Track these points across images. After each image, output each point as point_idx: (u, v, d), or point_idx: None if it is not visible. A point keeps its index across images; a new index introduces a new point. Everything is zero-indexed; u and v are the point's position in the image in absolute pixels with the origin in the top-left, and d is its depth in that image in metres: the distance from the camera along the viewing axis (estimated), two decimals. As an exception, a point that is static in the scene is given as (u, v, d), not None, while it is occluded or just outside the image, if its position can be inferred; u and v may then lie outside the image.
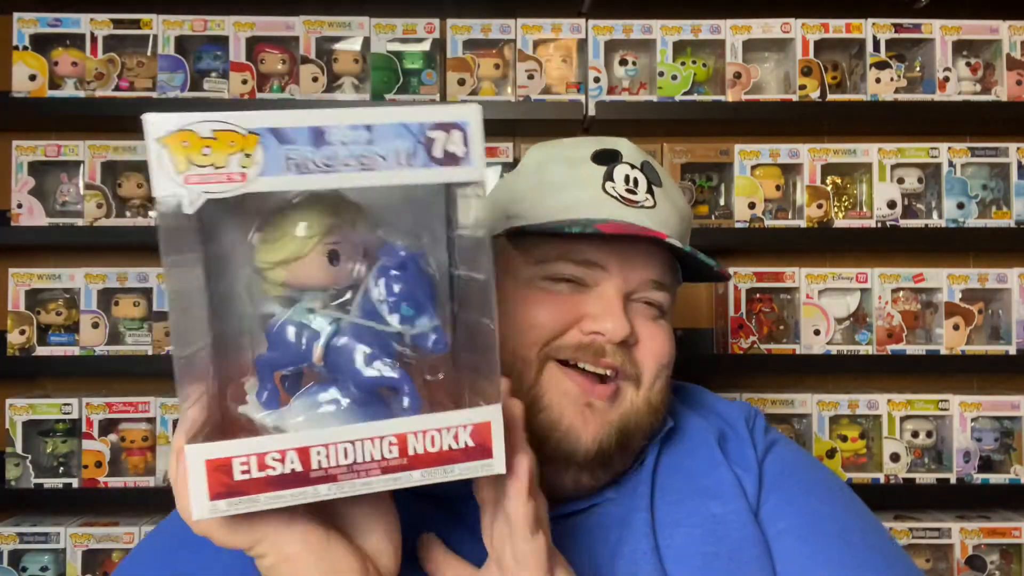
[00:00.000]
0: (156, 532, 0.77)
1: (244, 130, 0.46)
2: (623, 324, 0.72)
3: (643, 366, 0.75)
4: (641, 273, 0.75)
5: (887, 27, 1.67)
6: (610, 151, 0.79)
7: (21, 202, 1.63)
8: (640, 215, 0.75)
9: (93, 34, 1.64)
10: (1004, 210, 1.68)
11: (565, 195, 0.76)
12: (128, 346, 1.63)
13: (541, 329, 0.73)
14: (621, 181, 0.76)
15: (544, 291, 0.74)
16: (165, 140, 0.46)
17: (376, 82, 1.65)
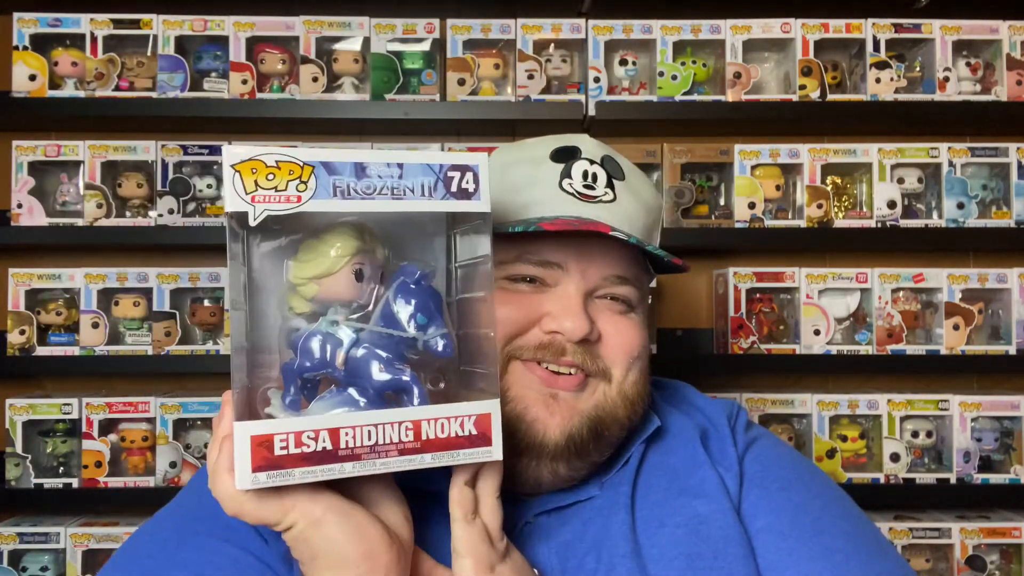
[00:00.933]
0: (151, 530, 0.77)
1: (301, 162, 0.58)
2: (581, 323, 0.72)
3: (610, 361, 0.75)
4: (600, 269, 0.75)
5: (887, 27, 1.67)
6: (569, 148, 0.79)
7: (21, 202, 1.63)
8: (598, 210, 0.75)
9: (93, 34, 1.64)
10: (1004, 210, 1.68)
11: (524, 195, 0.77)
12: (128, 346, 1.63)
13: (503, 328, 0.73)
14: (579, 177, 0.77)
15: (505, 291, 0.75)
16: (238, 166, 0.56)
17: (376, 82, 1.66)
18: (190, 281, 1.63)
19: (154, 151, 1.65)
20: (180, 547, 0.72)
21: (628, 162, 0.82)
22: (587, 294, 0.75)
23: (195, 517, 0.74)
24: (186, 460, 1.60)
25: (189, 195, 1.66)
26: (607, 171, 0.78)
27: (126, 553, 0.75)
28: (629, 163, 0.82)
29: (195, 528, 0.73)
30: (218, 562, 0.70)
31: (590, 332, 0.73)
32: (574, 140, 0.80)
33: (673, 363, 1.68)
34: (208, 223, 1.64)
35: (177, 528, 0.74)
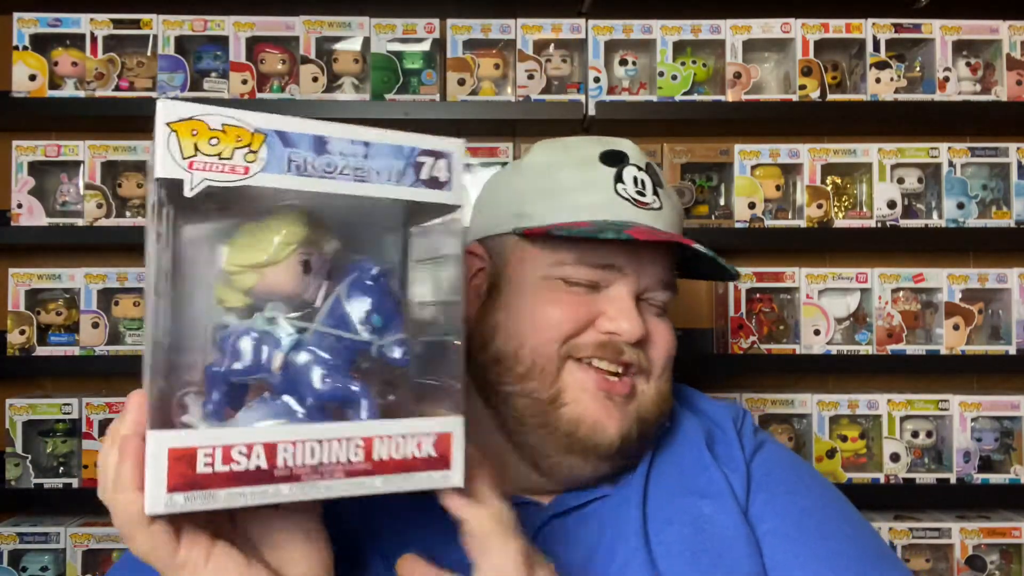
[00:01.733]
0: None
1: (252, 128, 0.49)
2: (639, 325, 0.74)
3: (654, 361, 0.78)
4: (652, 274, 0.77)
5: (887, 27, 1.67)
6: (617, 152, 0.80)
7: (21, 202, 1.63)
8: (652, 217, 0.78)
9: (93, 34, 1.64)
10: (1004, 210, 1.68)
11: (579, 197, 0.78)
12: (128, 346, 1.63)
13: (560, 328, 0.75)
14: (631, 183, 0.79)
15: (561, 291, 0.76)
16: (175, 125, 0.47)
17: (376, 82, 1.66)
18: (190, 281, 1.63)
19: (154, 151, 1.65)
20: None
21: (657, 167, 0.85)
22: (637, 296, 0.77)
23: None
24: (186, 460, 1.60)
25: (189, 195, 1.66)
26: (651, 178, 0.80)
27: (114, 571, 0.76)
28: (658, 168, 0.85)
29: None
30: None
31: (644, 334, 0.75)
32: (619, 144, 0.82)
33: (674, 363, 1.68)
34: (208, 223, 1.64)
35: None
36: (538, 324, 0.75)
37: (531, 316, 0.76)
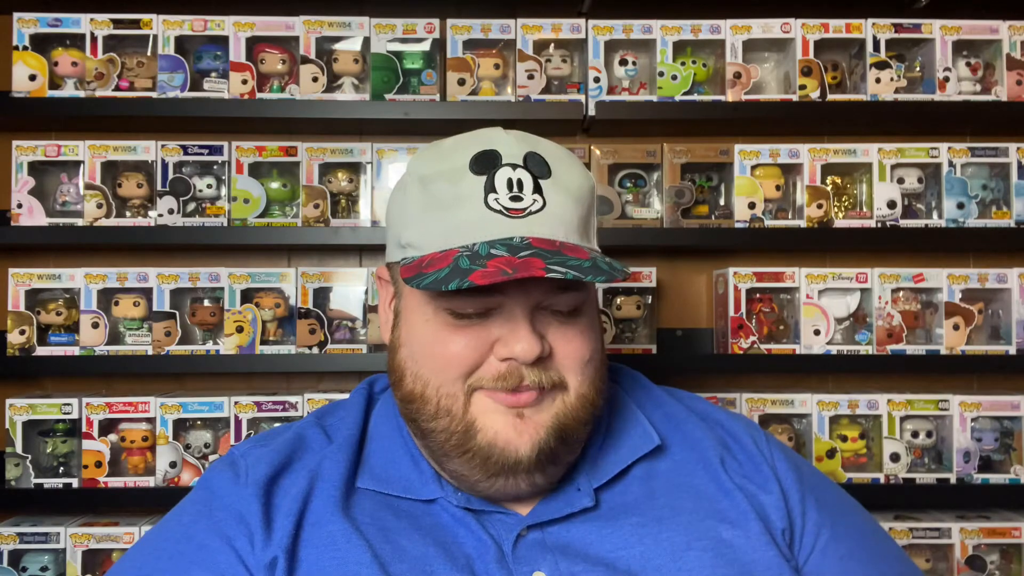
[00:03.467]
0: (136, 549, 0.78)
1: None
2: (532, 344, 0.71)
3: (565, 371, 0.75)
4: (540, 288, 0.73)
5: (887, 27, 1.67)
6: (488, 153, 0.74)
7: (21, 202, 1.63)
8: (528, 224, 0.72)
9: (93, 34, 1.64)
10: (1004, 210, 1.68)
11: (451, 217, 0.73)
12: (128, 346, 1.63)
13: (460, 363, 0.73)
14: (504, 189, 0.73)
15: (451, 326, 0.74)
16: None
17: (376, 82, 1.66)
18: (190, 281, 1.63)
19: (154, 151, 1.65)
20: (155, 571, 0.73)
21: (552, 147, 0.79)
22: (532, 310, 0.74)
23: (173, 539, 0.75)
24: (186, 460, 1.60)
25: (189, 195, 1.66)
26: (532, 172, 0.74)
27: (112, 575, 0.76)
28: (553, 147, 0.78)
29: (171, 550, 0.74)
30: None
31: (542, 350, 0.72)
32: (490, 141, 0.76)
33: (673, 363, 1.68)
34: (208, 223, 1.64)
35: (157, 550, 0.75)
36: (437, 364, 0.74)
37: (429, 356, 0.74)
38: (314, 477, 0.77)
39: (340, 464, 0.77)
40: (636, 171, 1.71)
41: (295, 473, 0.77)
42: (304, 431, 0.82)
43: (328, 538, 0.72)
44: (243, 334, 1.62)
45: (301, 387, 1.74)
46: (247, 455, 0.79)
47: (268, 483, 0.75)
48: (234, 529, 0.73)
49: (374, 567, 0.71)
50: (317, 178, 1.66)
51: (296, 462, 0.78)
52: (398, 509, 0.76)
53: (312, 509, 0.74)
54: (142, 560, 0.75)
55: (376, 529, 0.74)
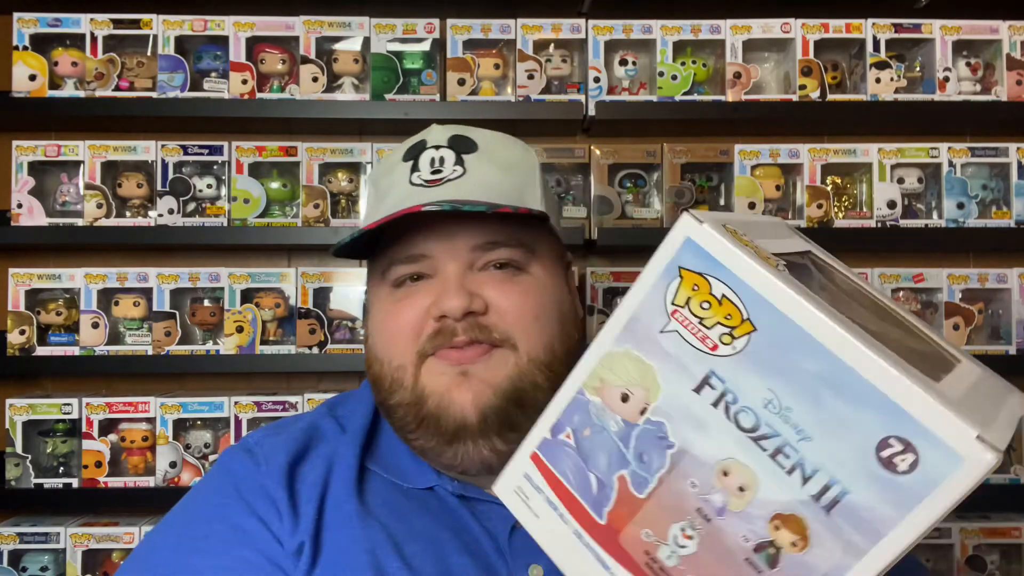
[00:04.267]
0: (162, 531, 0.77)
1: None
2: (457, 298, 0.71)
3: (507, 328, 0.73)
4: (466, 242, 0.74)
5: (887, 27, 1.67)
6: (417, 143, 0.80)
7: (21, 202, 1.63)
8: (446, 190, 0.75)
9: (93, 34, 1.64)
10: (1004, 210, 1.68)
11: (385, 202, 0.77)
12: (128, 346, 1.63)
13: (404, 331, 0.74)
14: (426, 167, 0.77)
15: (393, 298, 0.76)
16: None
17: (376, 82, 1.66)
18: (190, 281, 1.63)
19: (154, 151, 1.65)
20: (191, 553, 0.72)
21: (487, 132, 0.81)
22: (466, 269, 0.74)
23: (205, 519, 0.75)
24: (186, 460, 1.60)
25: (189, 195, 1.66)
26: (456, 150, 0.78)
27: (137, 561, 0.75)
28: (489, 133, 0.81)
29: (205, 531, 0.73)
30: (229, 566, 0.70)
31: (470, 304, 0.72)
32: (424, 134, 0.81)
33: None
34: (208, 223, 1.64)
35: (187, 531, 0.75)
36: (385, 338, 0.76)
37: (381, 333, 0.77)
38: (331, 464, 0.77)
39: (353, 450, 0.78)
40: (636, 171, 1.71)
41: (312, 461, 0.77)
42: (318, 421, 0.82)
43: (346, 519, 0.73)
44: (243, 334, 1.62)
45: (301, 387, 1.74)
46: (261, 443, 0.79)
47: (289, 470, 0.75)
48: (267, 511, 0.73)
49: (388, 546, 0.71)
50: (317, 178, 1.66)
51: (312, 451, 0.78)
52: (407, 493, 0.77)
53: (331, 493, 0.75)
54: (175, 543, 0.74)
55: (389, 510, 0.74)
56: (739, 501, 0.45)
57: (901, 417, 0.41)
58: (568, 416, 0.52)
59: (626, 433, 0.49)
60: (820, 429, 0.43)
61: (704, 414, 0.46)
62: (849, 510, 0.42)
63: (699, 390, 0.46)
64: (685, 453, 0.47)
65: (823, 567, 0.43)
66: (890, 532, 0.41)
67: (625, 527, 0.50)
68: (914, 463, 0.41)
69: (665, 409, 0.48)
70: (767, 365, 0.44)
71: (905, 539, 0.41)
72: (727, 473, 0.46)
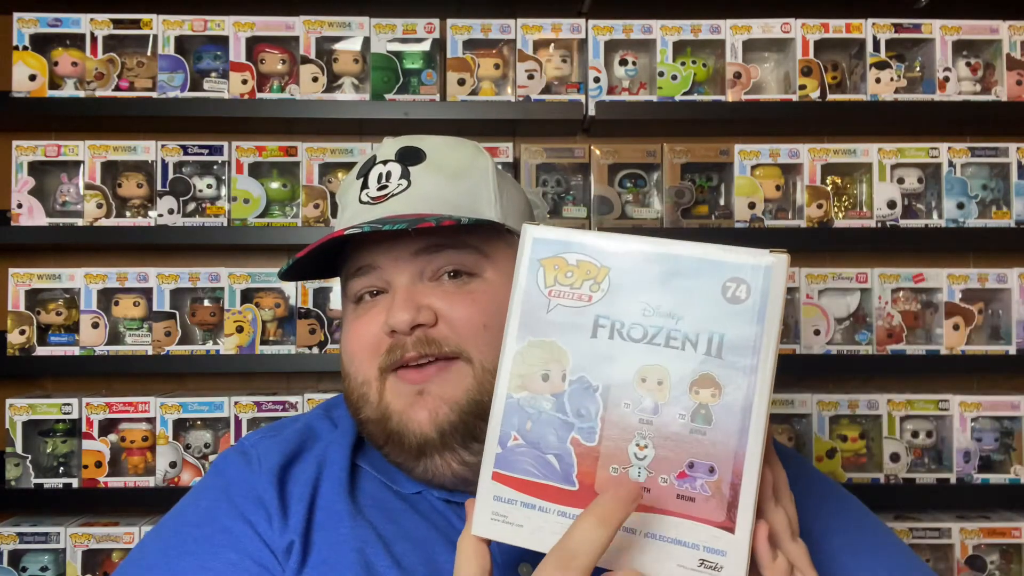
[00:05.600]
0: (155, 534, 0.77)
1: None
2: (401, 312, 0.71)
3: (458, 338, 0.73)
4: (408, 248, 0.74)
5: (887, 27, 1.67)
6: (368, 160, 0.81)
7: (21, 202, 1.63)
8: (391, 205, 0.75)
9: (93, 34, 1.64)
10: (1004, 210, 1.68)
11: (341, 220, 0.80)
12: (128, 346, 1.63)
13: (364, 349, 0.75)
14: (374, 183, 0.78)
15: (356, 315, 0.77)
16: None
17: (376, 82, 1.66)
18: (190, 281, 1.63)
19: (154, 151, 1.65)
20: (180, 555, 0.73)
21: (438, 140, 0.81)
22: (415, 279, 0.74)
23: (195, 522, 0.75)
24: (186, 460, 1.60)
25: (189, 195, 1.66)
26: (403, 163, 0.78)
27: (130, 563, 0.76)
28: (439, 140, 0.81)
29: (194, 535, 0.74)
30: (215, 568, 0.71)
31: (416, 316, 0.72)
32: (377, 148, 0.82)
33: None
34: (208, 223, 1.64)
35: (177, 534, 0.75)
36: (349, 355, 0.76)
37: (344, 350, 0.78)
38: (322, 463, 0.78)
39: (343, 448, 0.78)
40: (636, 171, 1.71)
41: (305, 462, 0.78)
42: (313, 422, 0.83)
43: (336, 519, 0.73)
44: (243, 334, 1.62)
45: (301, 387, 1.74)
46: (257, 445, 0.79)
47: (281, 471, 0.76)
48: (255, 513, 0.73)
49: (379, 546, 0.71)
50: (317, 178, 1.66)
51: (306, 452, 0.79)
52: (397, 492, 0.77)
53: (321, 493, 0.75)
54: (164, 546, 0.75)
55: (379, 509, 0.75)
56: (662, 393, 0.55)
57: (725, 267, 0.55)
58: (507, 422, 0.58)
59: (559, 403, 0.57)
60: (684, 306, 0.55)
61: (607, 349, 0.56)
62: (731, 345, 0.54)
63: (595, 334, 0.57)
64: (609, 386, 0.56)
65: (741, 396, 0.54)
66: (762, 340, 0.54)
67: (595, 477, 0.56)
68: (748, 289, 0.55)
69: (579, 364, 0.57)
70: (630, 287, 0.56)
71: (773, 337, 0.54)
72: (644, 379, 0.56)
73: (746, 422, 0.54)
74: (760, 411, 0.54)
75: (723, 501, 0.54)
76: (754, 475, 0.53)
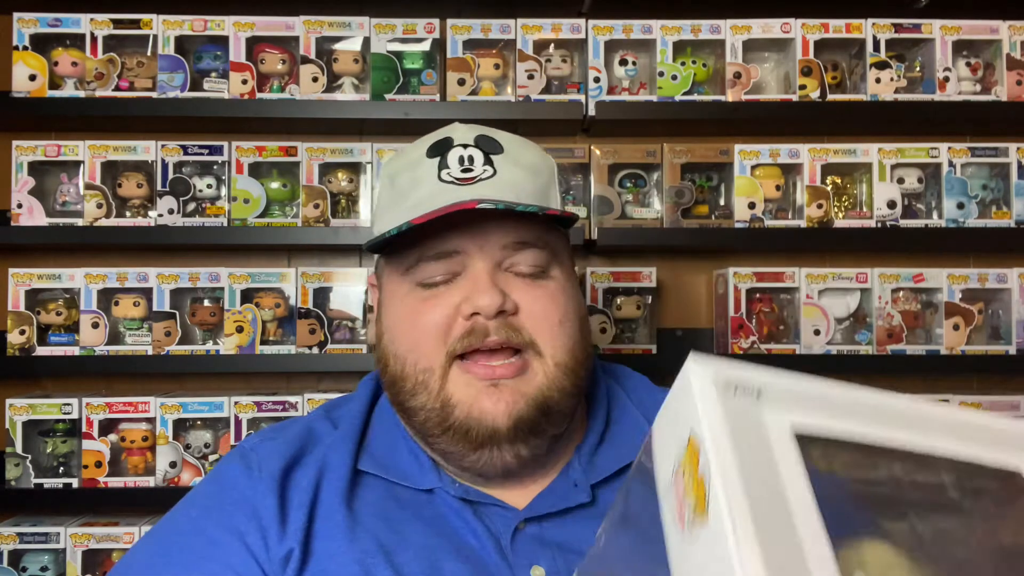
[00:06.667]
0: (146, 540, 0.78)
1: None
2: (492, 296, 0.72)
3: (534, 331, 0.74)
4: (497, 240, 0.75)
5: (887, 27, 1.67)
6: (442, 140, 0.80)
7: (21, 202, 1.63)
8: (479, 189, 0.75)
9: (93, 34, 1.64)
10: (1004, 210, 1.68)
11: (411, 197, 0.77)
12: (128, 346, 1.63)
13: (432, 331, 0.74)
14: (456, 164, 0.77)
15: (420, 296, 0.76)
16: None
17: (376, 82, 1.66)
18: (190, 281, 1.63)
19: (154, 151, 1.65)
20: (166, 565, 0.73)
21: (507, 135, 0.82)
22: (495, 268, 0.75)
23: (184, 531, 0.75)
24: (186, 460, 1.60)
25: (189, 195, 1.66)
26: (483, 150, 0.79)
27: (120, 569, 0.76)
28: (509, 135, 0.82)
29: (180, 544, 0.74)
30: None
31: (504, 302, 0.73)
32: (447, 132, 0.82)
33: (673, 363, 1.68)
34: (208, 223, 1.64)
35: (165, 543, 0.75)
36: (411, 338, 0.75)
37: (405, 332, 0.76)
38: (322, 468, 0.77)
39: (344, 452, 0.78)
40: (636, 171, 1.71)
41: (306, 467, 0.77)
42: (313, 424, 0.83)
43: (335, 529, 0.73)
44: (243, 334, 1.62)
45: (301, 387, 1.74)
46: (257, 448, 0.79)
47: (282, 476, 0.76)
48: (246, 524, 0.73)
49: (379, 556, 0.71)
50: (317, 178, 1.66)
51: (307, 455, 0.79)
52: (401, 499, 0.77)
53: (321, 500, 0.75)
54: (151, 554, 0.75)
55: (380, 519, 0.74)
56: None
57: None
58: None
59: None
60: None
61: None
62: None
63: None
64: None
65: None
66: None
67: None
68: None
69: None
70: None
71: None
72: None
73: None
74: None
75: None
76: None
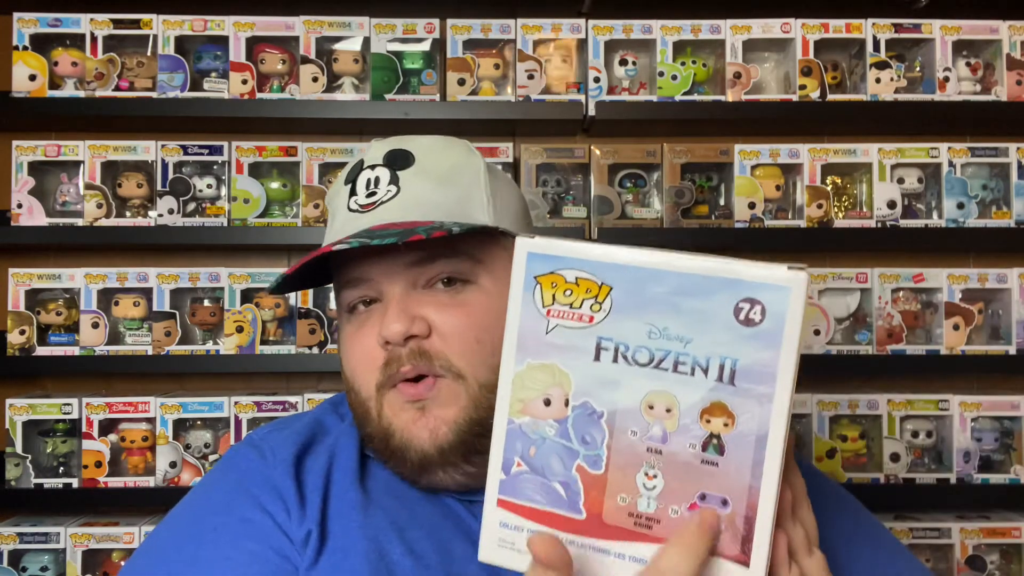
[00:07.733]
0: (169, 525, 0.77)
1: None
2: (397, 322, 0.70)
3: (450, 352, 0.71)
4: (402, 260, 0.72)
5: (887, 27, 1.67)
6: (356, 164, 0.78)
7: (21, 202, 1.63)
8: (379, 214, 0.73)
9: (93, 34, 1.64)
10: (1004, 210, 1.68)
11: (333, 226, 0.77)
12: (128, 346, 1.63)
13: (362, 363, 0.73)
14: (363, 190, 0.76)
15: (353, 327, 0.75)
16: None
17: (376, 82, 1.66)
18: (190, 281, 1.63)
19: (154, 151, 1.65)
20: (200, 545, 0.72)
21: (427, 140, 0.79)
22: (408, 289, 0.73)
23: (213, 512, 0.75)
24: (186, 460, 1.60)
25: (189, 195, 1.66)
26: (391, 167, 0.76)
27: (146, 553, 0.75)
28: (428, 140, 0.79)
29: (213, 523, 0.73)
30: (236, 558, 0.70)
31: (410, 327, 0.70)
32: (364, 152, 0.79)
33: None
34: (208, 223, 1.64)
35: (195, 524, 0.75)
36: (349, 367, 0.75)
37: (345, 361, 0.76)
38: (333, 454, 0.77)
39: (353, 439, 0.78)
40: (636, 171, 1.71)
41: (317, 454, 0.78)
42: (321, 416, 0.83)
43: (349, 507, 0.73)
44: (243, 334, 1.62)
45: (301, 387, 1.74)
46: (267, 439, 0.79)
47: (296, 461, 0.76)
48: (273, 504, 0.73)
49: (391, 532, 0.71)
50: (317, 178, 1.66)
51: (317, 444, 0.79)
52: None
53: (334, 482, 0.75)
54: (181, 535, 0.74)
55: (392, 496, 0.75)
56: (671, 421, 0.52)
57: (737, 286, 0.50)
58: (510, 448, 0.55)
59: (563, 429, 0.54)
60: (693, 328, 0.51)
61: (611, 373, 0.53)
62: (744, 372, 0.50)
63: (598, 357, 0.53)
64: (615, 412, 0.53)
65: (755, 426, 0.50)
66: (779, 366, 0.50)
67: (603, 506, 0.53)
68: (763, 310, 0.50)
69: (582, 389, 0.53)
70: (633, 308, 0.52)
71: (791, 364, 0.50)
72: (652, 406, 0.52)
73: (761, 454, 0.50)
74: (776, 442, 0.50)
75: (737, 535, 0.50)
76: (770, 509, 0.50)
